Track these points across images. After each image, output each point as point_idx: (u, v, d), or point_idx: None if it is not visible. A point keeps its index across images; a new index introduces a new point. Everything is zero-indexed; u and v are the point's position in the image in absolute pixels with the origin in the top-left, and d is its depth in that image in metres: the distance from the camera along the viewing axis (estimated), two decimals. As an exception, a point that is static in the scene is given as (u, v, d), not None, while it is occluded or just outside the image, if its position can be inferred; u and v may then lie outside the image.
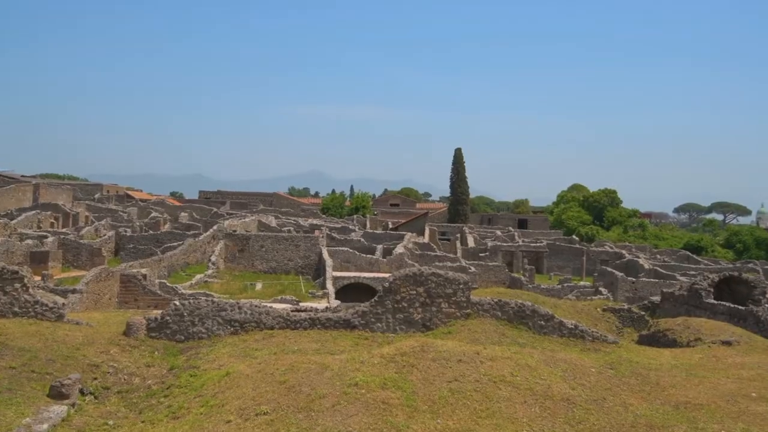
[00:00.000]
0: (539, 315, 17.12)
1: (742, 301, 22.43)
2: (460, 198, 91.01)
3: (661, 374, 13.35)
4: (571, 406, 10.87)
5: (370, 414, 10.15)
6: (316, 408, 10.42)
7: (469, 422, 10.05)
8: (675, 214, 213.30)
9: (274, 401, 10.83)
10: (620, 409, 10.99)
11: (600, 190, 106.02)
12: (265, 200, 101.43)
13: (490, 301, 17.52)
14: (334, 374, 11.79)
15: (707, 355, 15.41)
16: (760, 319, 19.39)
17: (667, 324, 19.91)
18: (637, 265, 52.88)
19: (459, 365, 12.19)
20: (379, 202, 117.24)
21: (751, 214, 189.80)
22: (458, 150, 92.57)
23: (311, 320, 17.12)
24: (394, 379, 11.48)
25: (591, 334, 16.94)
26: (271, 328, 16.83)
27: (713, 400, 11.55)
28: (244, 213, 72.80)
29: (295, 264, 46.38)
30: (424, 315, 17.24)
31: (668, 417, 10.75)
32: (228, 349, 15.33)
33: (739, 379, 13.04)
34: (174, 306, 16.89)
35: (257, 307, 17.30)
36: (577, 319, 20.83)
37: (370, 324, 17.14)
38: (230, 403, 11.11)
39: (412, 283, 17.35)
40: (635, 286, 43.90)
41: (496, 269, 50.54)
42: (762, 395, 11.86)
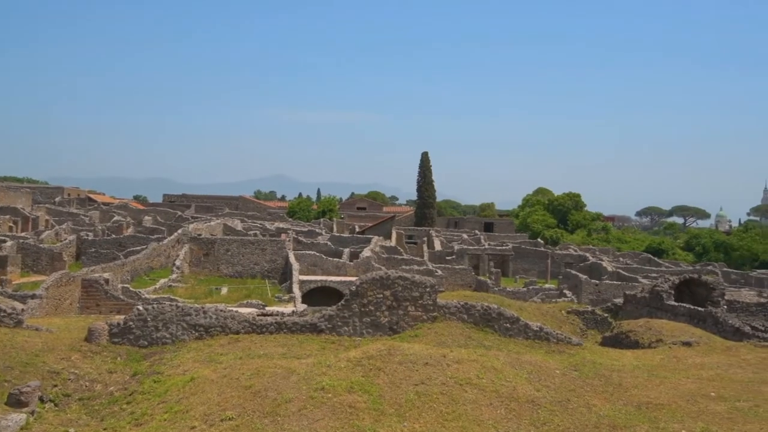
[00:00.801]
0: (505, 318, 17.26)
1: (702, 303, 22.97)
2: (426, 201, 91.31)
3: (623, 375, 13.58)
4: (536, 407, 10.98)
5: (336, 418, 10.12)
6: (282, 413, 10.35)
7: (436, 425, 10.09)
8: (637, 217, 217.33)
9: (240, 406, 10.73)
10: (584, 410, 11.14)
11: (564, 194, 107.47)
12: (230, 204, 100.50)
13: (457, 304, 17.61)
14: (300, 378, 11.73)
15: (668, 355, 15.73)
16: (718, 320, 19.87)
17: (630, 325, 20.26)
18: (600, 268, 53.72)
19: (425, 368, 12.22)
20: (346, 205, 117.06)
21: (710, 217, 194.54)
22: (425, 154, 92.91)
23: (277, 324, 17.00)
24: (361, 383, 11.46)
25: (556, 336, 17.14)
26: (236, 332, 16.66)
27: (674, 400, 11.79)
28: (209, 217, 72.05)
29: (261, 268, 45.99)
30: (390, 318, 17.25)
31: (630, 417, 10.93)
32: (193, 354, 15.12)
33: (698, 379, 13.34)
34: (137, 311, 16.61)
35: (222, 311, 17.11)
36: (542, 321, 21.07)
37: (337, 328, 17.09)
38: (195, 408, 10.96)
39: (378, 286, 17.35)
40: (599, 289, 44.58)
41: (463, 272, 50.84)
42: (721, 395, 12.15)
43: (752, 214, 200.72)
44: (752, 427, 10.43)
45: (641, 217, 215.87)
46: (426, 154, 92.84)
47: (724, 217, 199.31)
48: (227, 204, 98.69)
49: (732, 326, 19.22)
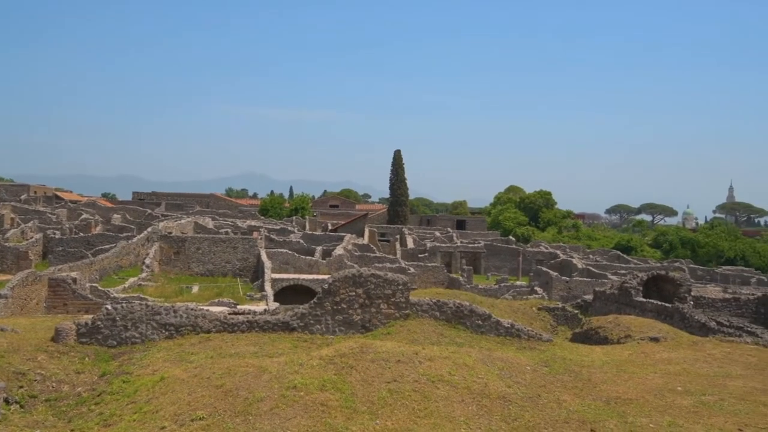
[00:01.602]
0: (477, 315, 17.37)
1: (669, 299, 23.37)
2: (399, 199, 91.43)
3: (593, 371, 13.76)
4: (507, 403, 11.07)
5: (308, 416, 10.09)
6: (254, 412, 10.29)
7: (408, 422, 10.11)
8: (606, 215, 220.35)
9: (211, 406, 10.64)
10: (554, 406, 11.26)
11: (536, 192, 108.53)
12: (201, 201, 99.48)
13: (429, 302, 17.67)
14: (272, 377, 11.67)
15: (636, 351, 15.97)
16: (685, 315, 20.24)
17: (599, 322, 20.53)
18: (570, 265, 54.35)
19: (398, 366, 12.25)
20: (318, 203, 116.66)
21: (678, 215, 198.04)
22: (397, 152, 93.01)
23: (249, 323, 16.89)
24: (333, 381, 11.44)
25: (527, 332, 17.30)
26: (207, 331, 16.52)
27: (642, 395, 11.99)
28: (180, 215, 71.22)
29: (232, 266, 45.63)
30: (363, 316, 17.25)
31: (599, 412, 11.08)
32: (163, 353, 14.95)
33: (666, 374, 13.58)
34: (106, 310, 16.37)
35: (193, 310, 16.94)
36: (513, 318, 21.25)
37: (309, 326, 17.04)
38: (165, 408, 10.84)
39: (351, 284, 17.33)
40: (569, 286, 45.11)
41: (435, 270, 51.03)
42: (687, 389, 12.39)
43: (718, 211, 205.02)
44: (717, 420, 10.64)
45: (610, 215, 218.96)
46: (399, 152, 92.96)
47: (691, 215, 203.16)
48: (198, 202, 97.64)
49: (698, 322, 19.59)
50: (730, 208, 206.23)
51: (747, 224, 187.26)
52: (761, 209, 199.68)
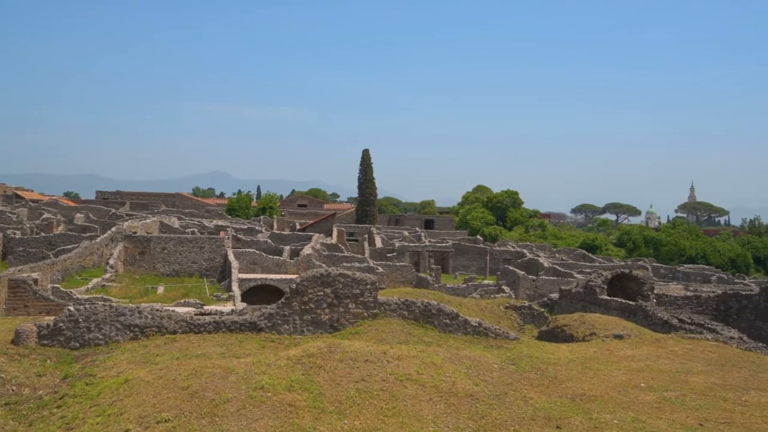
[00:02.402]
0: (445, 314, 17.45)
1: (633, 297, 23.79)
2: (367, 199, 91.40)
3: (558, 368, 13.94)
4: (475, 401, 11.15)
5: (276, 417, 10.03)
6: (221, 413, 10.18)
7: (376, 421, 10.12)
8: (572, 214, 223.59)
9: (177, 408, 10.50)
10: (521, 403, 11.38)
11: (503, 191, 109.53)
12: (167, 201, 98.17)
13: (397, 301, 17.70)
14: (239, 378, 11.56)
15: (601, 348, 16.22)
16: (648, 313, 20.62)
17: (565, 320, 20.80)
18: (537, 264, 54.94)
19: (366, 365, 12.25)
20: (286, 203, 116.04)
21: (641, 214, 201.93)
22: (366, 151, 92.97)
23: (216, 323, 16.72)
24: (301, 381, 11.39)
25: (494, 331, 17.44)
26: (173, 332, 16.30)
27: (606, 392, 12.18)
28: (145, 214, 70.15)
29: (199, 266, 45.13)
30: (331, 316, 17.21)
31: (565, 409, 11.23)
32: (127, 355, 14.71)
33: (629, 370, 13.82)
34: (68, 311, 16.04)
35: (158, 311, 16.70)
36: (481, 317, 21.43)
37: (277, 326, 16.93)
38: (129, 411, 10.67)
39: (319, 284, 17.27)
40: (536, 284, 45.60)
41: (403, 269, 51.14)
42: (650, 385, 12.62)
43: (680, 211, 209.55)
44: (679, 416, 10.87)
45: (576, 214, 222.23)
46: (367, 152, 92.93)
47: (654, 214, 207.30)
48: (164, 201, 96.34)
49: (661, 319, 19.97)
50: (691, 207, 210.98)
51: (707, 223, 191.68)
52: (721, 209, 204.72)
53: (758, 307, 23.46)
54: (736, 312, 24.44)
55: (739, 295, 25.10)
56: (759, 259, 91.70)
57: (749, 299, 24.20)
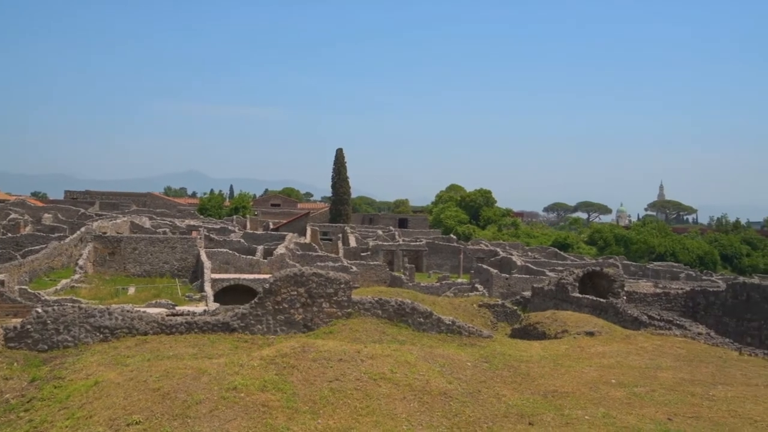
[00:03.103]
0: (418, 312, 17.49)
1: (604, 294, 24.10)
2: (341, 198, 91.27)
3: (531, 365, 14.06)
4: (448, 399, 11.19)
5: (249, 418, 9.96)
6: (193, 414, 10.08)
7: (350, 420, 10.11)
8: (545, 213, 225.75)
9: (148, 409, 10.37)
10: (494, 401, 11.46)
11: (476, 191, 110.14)
12: (138, 201, 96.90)
13: (371, 300, 17.70)
14: (211, 379, 11.46)
15: (573, 345, 16.40)
16: (618, 310, 20.90)
17: (537, 317, 20.99)
18: (510, 262, 55.36)
19: (340, 364, 12.22)
20: (259, 202, 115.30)
21: (612, 212, 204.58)
22: (339, 150, 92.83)
23: (188, 324, 16.54)
24: (275, 381, 11.33)
25: (467, 329, 17.52)
26: (144, 333, 16.09)
27: (578, 388, 12.33)
28: (115, 214, 69.18)
29: (171, 267, 44.66)
30: (305, 315, 17.14)
31: (537, 405, 11.34)
32: (97, 357, 14.48)
33: (600, 367, 14.00)
34: (36, 313, 15.73)
35: (129, 312, 16.48)
36: (454, 315, 21.53)
37: (250, 326, 16.82)
38: (99, 413, 10.50)
39: (293, 283, 17.19)
40: (509, 282, 45.95)
41: (377, 268, 51.19)
42: (620, 381, 12.81)
43: (649, 209, 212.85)
44: (648, 410, 11.04)
45: (548, 213, 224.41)
46: (341, 151, 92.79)
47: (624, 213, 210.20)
48: (134, 201, 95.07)
49: (631, 316, 20.26)
50: (660, 206, 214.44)
51: (676, 221, 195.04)
52: (689, 207, 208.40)
53: (725, 303, 23.92)
54: (703, 308, 24.90)
55: (706, 291, 25.57)
56: (726, 257, 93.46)
57: (716, 296, 24.68)
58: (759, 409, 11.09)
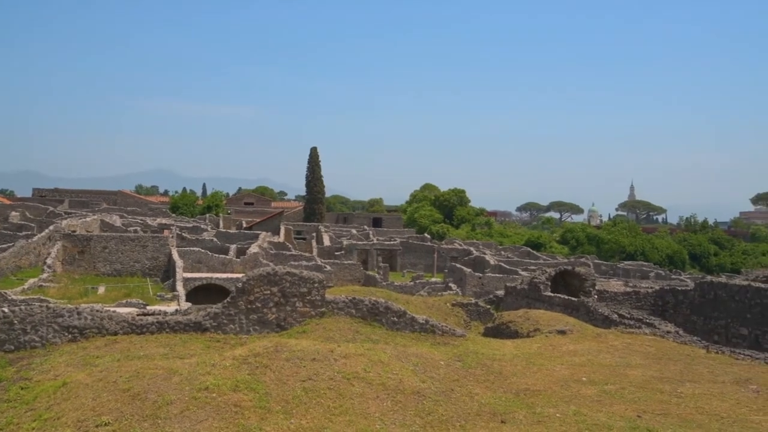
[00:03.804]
0: (392, 311, 17.51)
1: (576, 293, 24.37)
2: (315, 197, 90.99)
3: (503, 364, 14.17)
4: (421, 398, 11.22)
5: (221, 418, 9.87)
6: (163, 415, 9.96)
7: (323, 420, 10.08)
8: (518, 212, 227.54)
9: (117, 410, 10.22)
10: (467, 399, 11.51)
11: (450, 190, 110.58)
12: (108, 199, 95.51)
13: (345, 299, 17.68)
14: (183, 379, 11.34)
15: (545, 344, 16.56)
16: (590, 309, 21.15)
17: (510, 316, 21.16)
18: (484, 261, 55.65)
19: (313, 364, 12.18)
20: (233, 200, 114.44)
21: (584, 212, 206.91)
22: (314, 149, 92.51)
23: (159, 324, 16.36)
24: (247, 381, 11.25)
25: (441, 328, 17.59)
26: (114, 333, 15.88)
27: (549, 386, 12.44)
28: (85, 212, 68.12)
29: (142, 266, 44.11)
30: (278, 315, 17.06)
31: (510, 404, 11.42)
32: (65, 357, 14.26)
33: (571, 365, 14.15)
34: (2, 313, 15.42)
35: (99, 311, 16.24)
36: (428, 314, 21.59)
37: (223, 326, 16.69)
38: (67, 415, 10.33)
39: (266, 282, 17.09)
40: (482, 282, 46.19)
41: (352, 267, 51.12)
42: (591, 379, 12.96)
43: (620, 209, 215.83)
44: (618, 408, 11.19)
45: (521, 213, 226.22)
46: (315, 150, 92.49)
47: (596, 212, 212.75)
48: (105, 199, 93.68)
49: (602, 314, 20.52)
50: (631, 206, 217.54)
51: (646, 221, 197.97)
52: (659, 207, 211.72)
53: (693, 302, 24.34)
54: (672, 307, 25.31)
55: (675, 290, 26.00)
56: (694, 256, 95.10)
57: (685, 294, 25.10)
58: (725, 405, 11.30)
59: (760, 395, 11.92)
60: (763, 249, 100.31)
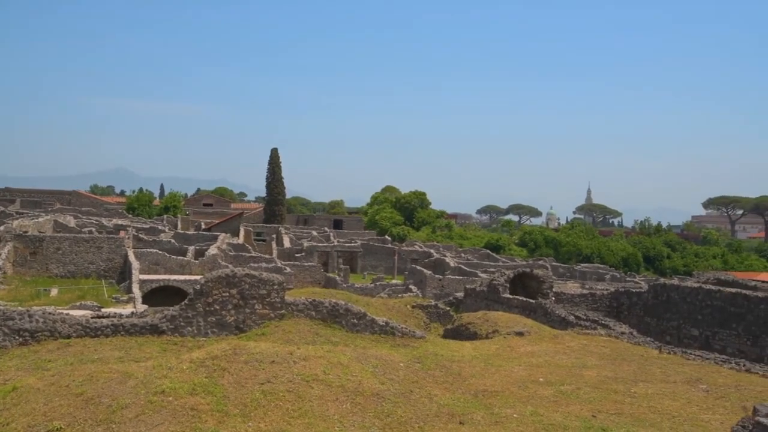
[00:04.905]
0: (352, 313, 17.50)
1: (534, 295, 24.70)
2: (276, 198, 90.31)
3: (462, 365, 14.28)
4: (381, 400, 11.23)
5: (177, 422, 9.72)
6: (118, 420, 9.77)
7: (282, 423, 10.01)
8: (478, 215, 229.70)
9: (70, 415, 9.98)
10: (426, 401, 11.56)
11: (411, 192, 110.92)
12: (62, 199, 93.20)
13: (305, 301, 17.60)
14: (138, 383, 11.13)
15: (503, 345, 16.75)
16: (547, 310, 21.46)
17: (469, 318, 21.33)
18: (444, 264, 56.02)
19: (272, 366, 12.09)
20: (191, 201, 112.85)
21: (542, 215, 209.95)
22: (274, 150, 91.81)
23: (114, 327, 16.03)
24: (204, 384, 11.10)
25: (401, 330, 17.64)
26: (67, 336, 15.50)
27: (507, 387, 12.59)
28: (37, 212, 66.31)
29: (97, 267, 43.19)
30: (237, 317, 16.88)
31: (468, 405, 11.51)
32: (15, 361, 13.86)
33: (529, 366, 14.34)
34: (-52, 316, 14.94)
35: (51, 314, 15.84)
36: (388, 316, 21.63)
37: (180, 328, 16.44)
38: (17, 420, 10.05)
39: (225, 284, 16.90)
40: (442, 283, 46.48)
41: (312, 269, 50.93)
42: (548, 380, 13.15)
43: (577, 212, 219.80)
44: (574, 408, 11.38)
45: (481, 215, 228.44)
46: (275, 151, 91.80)
47: (554, 215, 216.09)
48: (59, 199, 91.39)
49: (559, 316, 20.85)
50: (588, 209, 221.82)
51: (603, 224, 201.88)
52: (615, 211, 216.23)
53: (647, 303, 24.92)
54: (627, 308, 25.88)
55: (629, 292, 26.58)
56: (648, 258, 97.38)
57: (639, 296, 25.68)
58: (676, 405, 11.59)
59: (710, 394, 12.27)
60: (714, 252, 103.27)
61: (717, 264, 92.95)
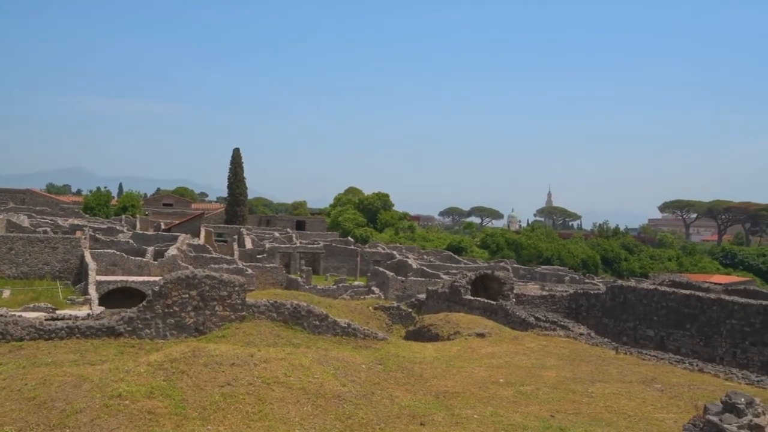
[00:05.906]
0: (314, 315, 17.41)
1: (495, 296, 24.93)
2: (237, 199, 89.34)
3: (424, 367, 14.33)
4: (342, 402, 11.21)
5: (134, 426, 9.54)
6: (72, 424, 9.54)
7: (241, 426, 9.90)
8: (440, 217, 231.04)
9: (21, 420, 9.72)
10: (387, 402, 11.57)
11: (374, 194, 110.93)
12: (15, 197, 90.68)
13: (266, 303, 17.45)
14: (93, 386, 10.89)
15: (464, 346, 16.87)
16: (508, 312, 21.69)
17: (431, 319, 21.43)
18: (406, 265, 56.17)
19: (232, 369, 11.96)
20: (150, 201, 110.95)
21: (504, 217, 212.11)
22: (236, 150, 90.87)
23: (69, 329, 15.65)
24: (162, 387, 10.92)
25: (363, 331, 17.62)
26: (20, 339, 15.08)
27: (468, 388, 12.68)
28: (-11, 211, 64.48)
29: (51, 268, 42.13)
30: (197, 319, 16.65)
31: (429, 406, 11.56)
32: (-35, 365, 13.43)
33: (490, 367, 14.47)
34: None
35: (3, 316, 15.40)
36: (350, 318, 21.56)
37: (138, 330, 16.14)
38: (-35, 427, 9.74)
39: (184, 286, 16.65)
40: (404, 285, 46.60)
41: (274, 271, 50.53)
42: (508, 380, 13.29)
43: (538, 215, 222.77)
44: (533, 408, 11.52)
45: (444, 217, 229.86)
46: (237, 151, 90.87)
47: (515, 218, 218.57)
48: (12, 198, 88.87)
49: (519, 317, 21.08)
50: (548, 212, 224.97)
51: (562, 227, 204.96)
52: (574, 213, 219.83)
53: (604, 305, 25.39)
54: (585, 310, 26.32)
55: (588, 294, 27.05)
56: (607, 261, 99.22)
57: (597, 298, 26.14)
58: (632, 404, 11.83)
59: (664, 394, 12.56)
60: (669, 254, 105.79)
61: (672, 266, 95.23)
